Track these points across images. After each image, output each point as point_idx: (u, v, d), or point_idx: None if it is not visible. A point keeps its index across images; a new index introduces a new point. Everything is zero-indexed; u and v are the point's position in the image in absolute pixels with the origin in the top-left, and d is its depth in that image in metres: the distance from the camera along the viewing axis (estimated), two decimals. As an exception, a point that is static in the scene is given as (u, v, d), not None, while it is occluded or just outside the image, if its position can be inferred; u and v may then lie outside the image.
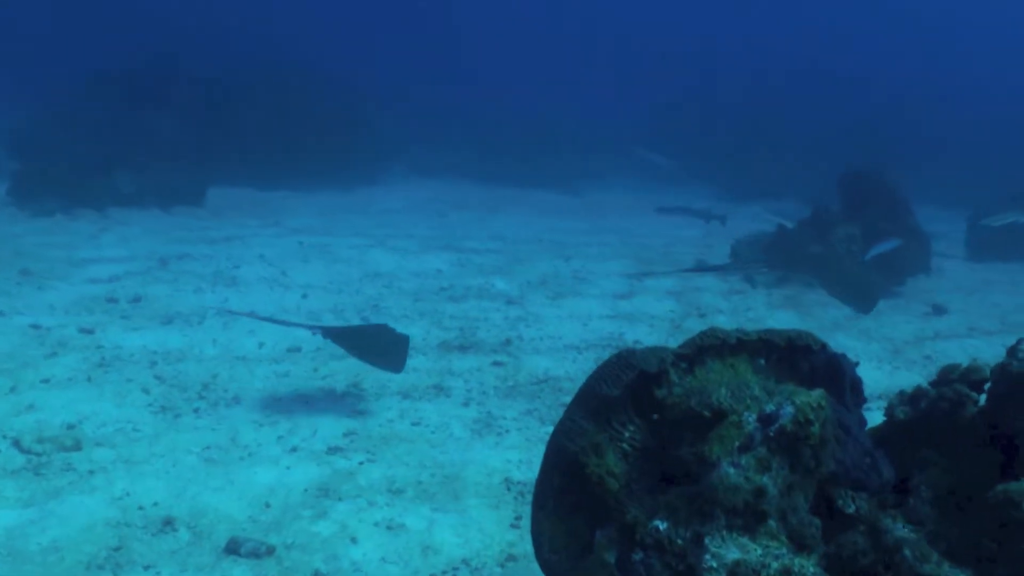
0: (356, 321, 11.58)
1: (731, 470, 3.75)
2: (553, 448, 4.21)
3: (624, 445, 4.20)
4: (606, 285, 14.20)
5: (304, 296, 12.59)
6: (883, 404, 6.80)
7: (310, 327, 9.95)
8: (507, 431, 8.31)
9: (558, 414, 8.79)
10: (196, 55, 26.10)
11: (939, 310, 13.64)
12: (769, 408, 3.94)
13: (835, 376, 4.42)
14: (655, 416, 4.20)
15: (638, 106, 28.99)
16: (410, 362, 10.01)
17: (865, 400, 4.57)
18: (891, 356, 11.38)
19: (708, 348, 4.37)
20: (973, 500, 4.55)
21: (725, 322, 12.40)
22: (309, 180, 23.75)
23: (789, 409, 3.86)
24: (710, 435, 3.94)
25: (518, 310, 12.49)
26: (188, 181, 20.36)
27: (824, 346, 4.67)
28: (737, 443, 3.88)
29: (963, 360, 11.18)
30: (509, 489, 7.17)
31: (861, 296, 13.14)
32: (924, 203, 17.90)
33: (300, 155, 24.10)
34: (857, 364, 4.66)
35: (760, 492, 3.70)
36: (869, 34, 43.32)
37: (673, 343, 11.23)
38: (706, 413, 4.04)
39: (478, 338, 11.06)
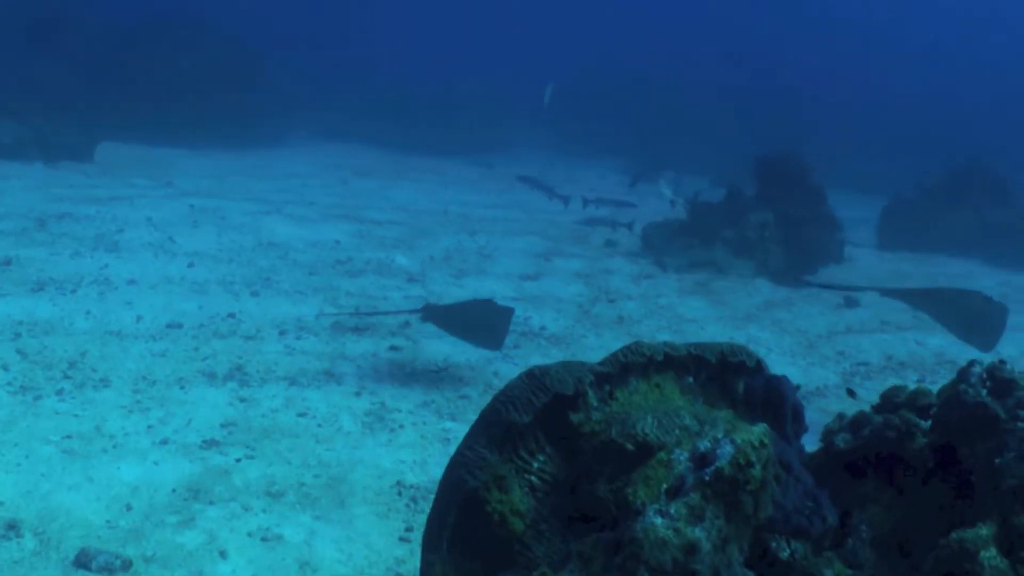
0: (245, 294, 10.86)
1: (658, 520, 3.18)
2: (449, 481, 3.61)
3: (532, 477, 3.61)
4: (512, 264, 13.62)
5: (191, 265, 11.79)
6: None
7: (409, 311, 9.74)
8: (401, 426, 7.67)
9: (457, 407, 8.24)
10: (91, 2, 24.83)
11: (851, 302, 13.28)
12: (703, 445, 3.38)
13: (775, 402, 3.87)
14: (570, 445, 3.63)
15: (554, 79, 28.37)
16: (299, 343, 9.39)
17: (807, 428, 4.04)
18: (805, 351, 10.98)
19: (632, 366, 3.80)
20: (918, 543, 4.07)
21: (635, 308, 11.92)
22: (206, 139, 22.81)
23: (728, 449, 3.30)
24: (634, 475, 3.37)
25: (419, 288, 11.84)
26: (76, 134, 19.29)
27: (759, 363, 4.12)
28: (665, 486, 3.31)
29: (876, 357, 10.88)
30: (401, 494, 6.55)
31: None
32: (837, 189, 17.60)
33: (198, 112, 23.13)
34: (798, 388, 4.13)
35: (692, 548, 3.13)
36: (790, 21, 43.23)
37: (581, 329, 10.78)
38: (629, 446, 3.47)
39: (375, 318, 10.40)
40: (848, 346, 11.29)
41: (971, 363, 4.38)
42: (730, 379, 4.05)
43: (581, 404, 3.63)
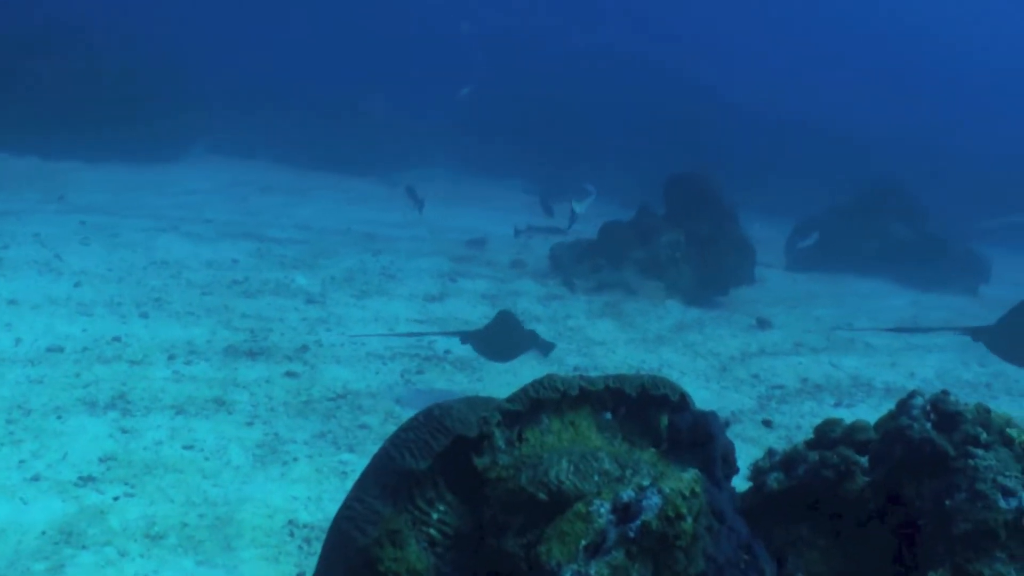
0: (134, 316, 10.25)
1: (576, 584, 2.75)
2: (336, 537, 3.14)
3: (431, 531, 3.16)
4: (417, 284, 13.13)
5: (77, 284, 11.14)
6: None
7: (448, 333, 9.72)
8: (295, 459, 7.15)
9: (356, 437, 7.73)
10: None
11: (764, 324, 13.05)
12: (627, 495, 2.96)
13: (703, 443, 3.46)
14: (474, 493, 3.18)
15: (456, 95, 27.87)
16: (188, 369, 8.82)
17: (737, 470, 3.64)
18: (718, 374, 10.66)
19: (544, 402, 3.37)
20: (859, 593, 3.69)
21: (544, 331, 11.49)
22: (103, 152, 21.93)
23: (655, 500, 2.88)
24: (548, 530, 2.94)
25: (318, 310, 11.31)
26: (-36, 147, 18.48)
27: (684, 396, 3.72)
28: (584, 542, 2.88)
29: (791, 379, 10.60)
30: (293, 535, 6.04)
31: None
32: (748, 210, 17.41)
33: (94, 124, 22.19)
34: (727, 425, 3.73)
35: (615, 616, 2.71)
36: (702, 40, 43.27)
37: (488, 353, 10.31)
38: (541, 496, 3.04)
39: (271, 342, 9.85)
40: (762, 368, 11.01)
41: (912, 394, 4.02)
42: (652, 414, 3.64)
43: (486, 447, 3.19)
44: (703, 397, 9.49)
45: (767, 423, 6.52)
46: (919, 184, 21.06)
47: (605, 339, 11.55)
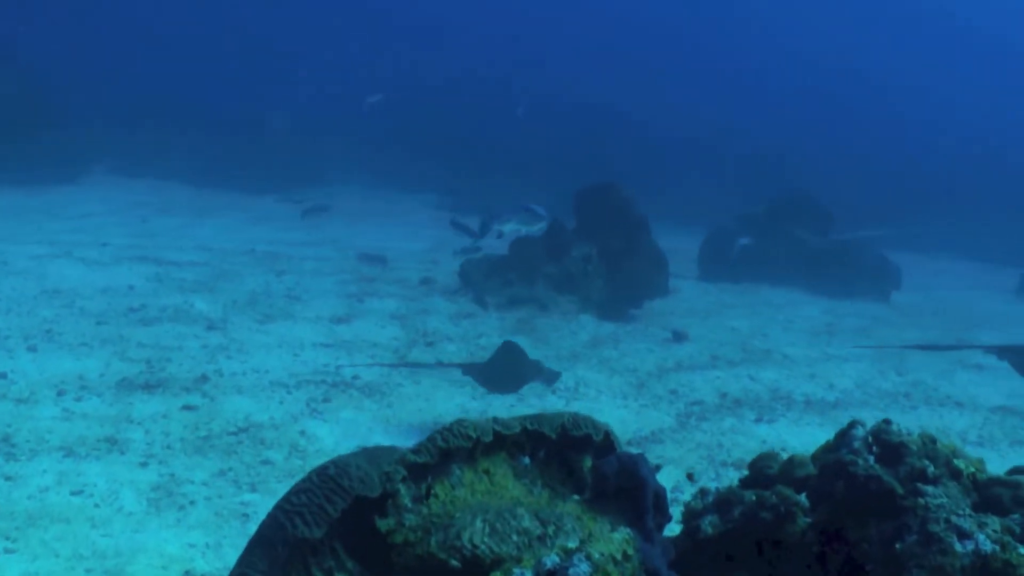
0: (21, 350, 9.68)
1: (495, 669, 2.39)
2: (219, 619, 2.76)
3: (330, 605, 2.78)
4: (323, 306, 12.66)
5: (-39, 317, 10.58)
6: (637, 451, 5.62)
7: (452, 365, 9.68)
8: (193, 502, 6.68)
9: (259, 474, 7.27)
10: None
11: (679, 336, 12.79)
12: (550, 561, 2.61)
13: (632, 490, 3.12)
14: (378, 558, 2.81)
15: (364, 103, 27.37)
16: (79, 406, 8.30)
17: (670, 518, 3.31)
18: (636, 391, 10.35)
19: (454, 452, 3.01)
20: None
21: (455, 351, 11.15)
22: (-5, 176, 21.22)
23: (584, 567, 2.54)
24: (462, 605, 2.58)
25: (219, 337, 10.80)
26: None
27: (608, 435, 3.39)
28: (503, 618, 2.53)
29: (710, 395, 10.34)
30: (189, 587, 5.60)
31: None
32: (658, 220, 17.18)
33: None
34: (657, 468, 3.39)
35: None
36: (607, 52, 43.28)
37: (398, 377, 9.92)
38: (453, 562, 2.67)
39: (168, 373, 9.34)
40: (680, 384, 10.74)
41: (852, 424, 3.74)
42: (574, 457, 3.31)
43: (390, 506, 2.82)
44: (621, 416, 9.20)
45: (690, 477, 6.17)
46: (822, 194, 21.05)
47: (519, 358, 11.22)
